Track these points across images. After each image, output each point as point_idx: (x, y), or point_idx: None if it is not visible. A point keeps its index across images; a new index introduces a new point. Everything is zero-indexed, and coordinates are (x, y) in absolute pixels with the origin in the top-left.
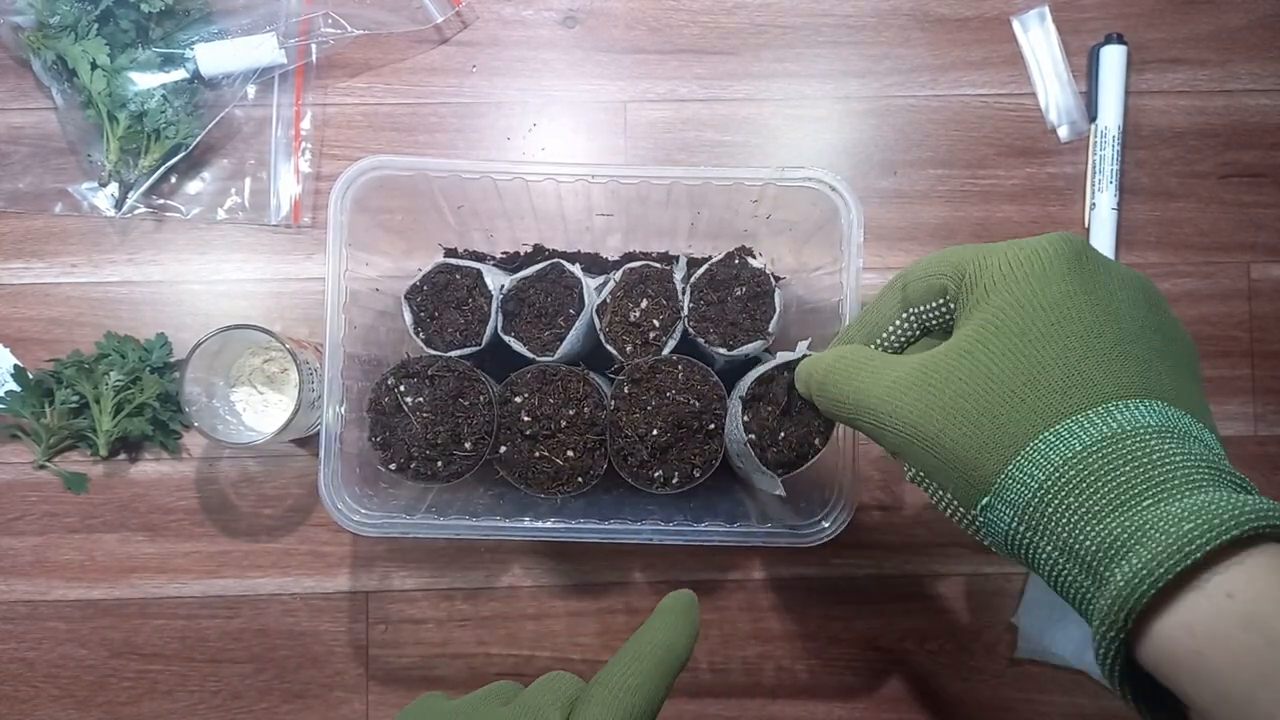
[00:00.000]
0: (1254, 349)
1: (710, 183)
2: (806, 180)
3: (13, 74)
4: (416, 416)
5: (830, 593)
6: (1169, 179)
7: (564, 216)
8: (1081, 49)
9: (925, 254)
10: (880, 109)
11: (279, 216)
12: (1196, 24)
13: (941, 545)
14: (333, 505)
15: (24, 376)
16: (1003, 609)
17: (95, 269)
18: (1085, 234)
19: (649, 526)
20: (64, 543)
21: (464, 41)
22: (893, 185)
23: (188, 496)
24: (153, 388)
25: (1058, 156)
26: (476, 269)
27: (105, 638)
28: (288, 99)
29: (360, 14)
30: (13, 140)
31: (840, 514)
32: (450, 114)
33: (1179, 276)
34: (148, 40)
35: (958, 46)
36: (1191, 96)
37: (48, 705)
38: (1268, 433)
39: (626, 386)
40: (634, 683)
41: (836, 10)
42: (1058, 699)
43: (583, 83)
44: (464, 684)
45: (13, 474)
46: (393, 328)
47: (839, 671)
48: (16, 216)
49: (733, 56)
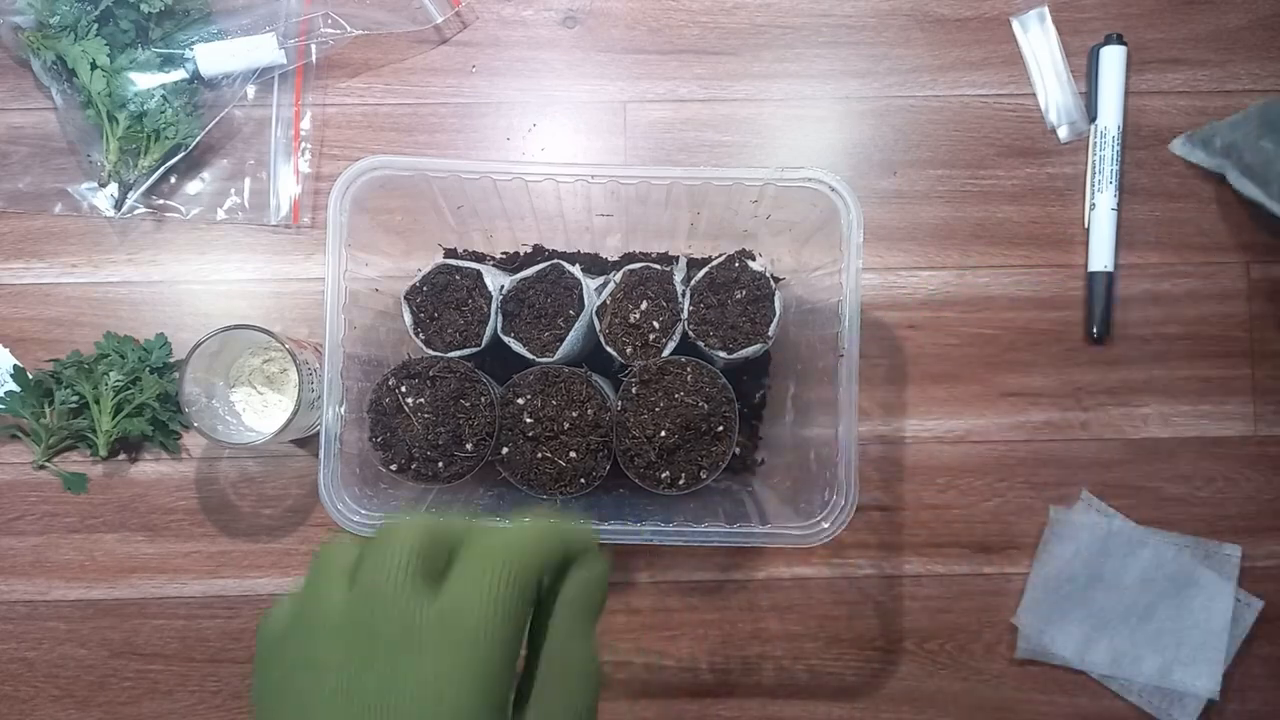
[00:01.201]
0: (1254, 349)
1: (710, 183)
2: (806, 180)
3: (13, 74)
4: (417, 417)
5: (830, 593)
6: (1169, 179)
7: (564, 217)
8: (1081, 49)
9: (924, 254)
10: (880, 109)
11: (279, 217)
12: (1196, 24)
13: (941, 545)
14: (333, 506)
15: (24, 376)
16: (1003, 609)
17: (95, 269)
18: (1085, 234)
19: (649, 527)
20: (64, 543)
21: (464, 41)
22: (892, 185)
23: (188, 496)
24: (152, 388)
25: (1057, 157)
26: (476, 269)
27: (105, 638)
28: (287, 99)
29: (360, 14)
30: (13, 140)
31: (840, 514)
32: (450, 114)
33: (1179, 276)
34: (147, 40)
35: (958, 47)
36: (1191, 96)
37: (48, 705)
38: (1268, 433)
39: (635, 387)
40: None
41: (836, 10)
42: (1058, 699)
43: (582, 83)
44: None
45: (13, 474)
46: (392, 328)
47: (839, 671)
48: (16, 216)
49: (733, 56)
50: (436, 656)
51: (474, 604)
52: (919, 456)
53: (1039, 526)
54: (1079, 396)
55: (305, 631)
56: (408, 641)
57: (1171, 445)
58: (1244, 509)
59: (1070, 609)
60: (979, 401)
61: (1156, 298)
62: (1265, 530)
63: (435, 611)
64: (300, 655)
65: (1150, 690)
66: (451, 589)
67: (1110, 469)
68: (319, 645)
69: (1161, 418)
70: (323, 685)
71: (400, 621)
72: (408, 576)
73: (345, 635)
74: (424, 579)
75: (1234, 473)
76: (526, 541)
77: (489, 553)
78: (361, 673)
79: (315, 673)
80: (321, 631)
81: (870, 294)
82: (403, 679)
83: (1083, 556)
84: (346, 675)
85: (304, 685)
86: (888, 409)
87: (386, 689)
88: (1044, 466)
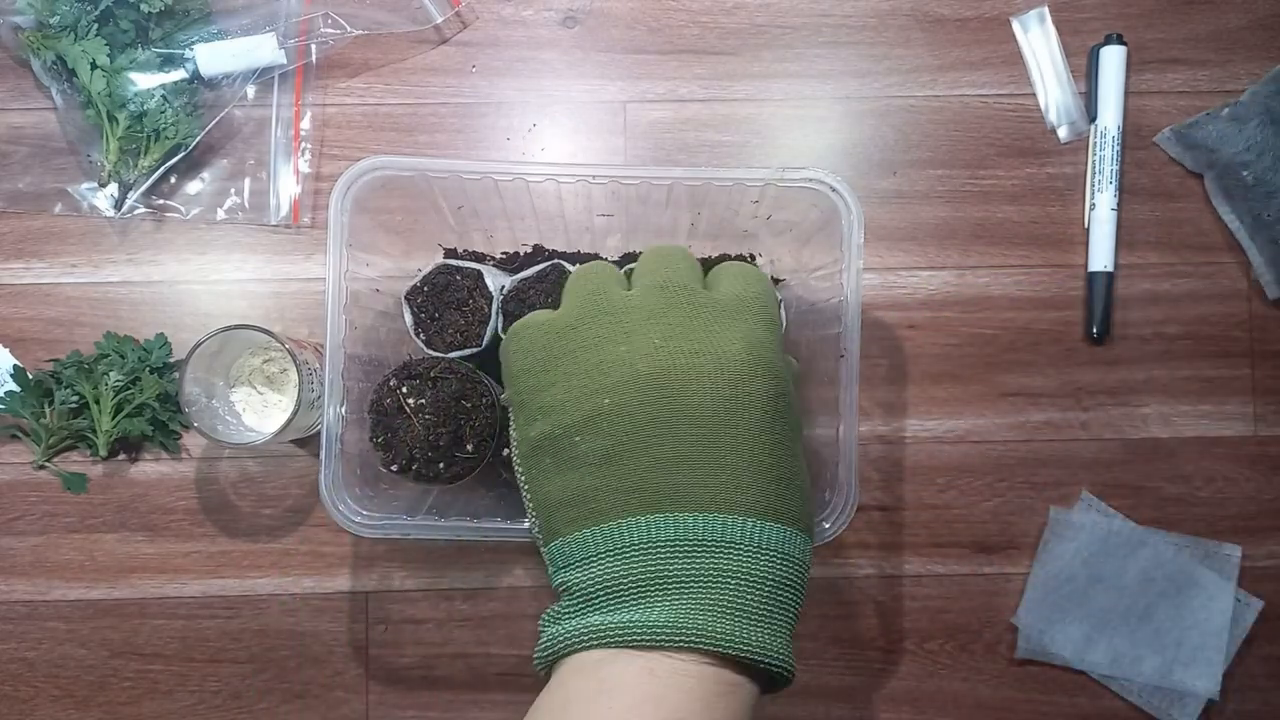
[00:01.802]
0: (1254, 349)
1: (710, 183)
2: (807, 181)
3: (13, 74)
4: (418, 418)
5: (830, 593)
6: (1169, 179)
7: (564, 217)
8: (1081, 49)
9: (924, 254)
10: (880, 109)
11: (279, 217)
12: (1196, 24)
13: (941, 545)
14: (333, 506)
15: (24, 376)
16: (1003, 609)
17: (95, 269)
18: (1085, 234)
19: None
20: (64, 543)
21: (464, 41)
22: (893, 185)
23: (187, 496)
24: (152, 388)
25: (1057, 157)
26: (477, 270)
27: (105, 638)
28: (287, 99)
29: (360, 14)
30: (13, 140)
31: (840, 514)
32: (450, 114)
33: (1179, 276)
34: (147, 40)
35: (958, 47)
36: (1191, 96)
37: (48, 705)
38: (1268, 433)
39: None
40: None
41: (836, 10)
42: (1058, 699)
43: (582, 83)
44: (464, 684)
45: (13, 474)
46: (393, 328)
47: (839, 671)
48: (16, 216)
49: (733, 56)
50: (747, 324)
51: (754, 293)
52: (919, 456)
53: (1039, 526)
54: (1079, 396)
55: (605, 314)
56: (714, 317)
57: (1171, 445)
58: (1244, 509)
59: (1070, 609)
60: (979, 401)
61: (1156, 298)
62: (1265, 530)
63: (724, 297)
64: (604, 331)
65: (1150, 690)
66: (725, 288)
67: (1110, 469)
68: (626, 320)
69: (1161, 418)
70: (643, 344)
71: (698, 305)
72: (692, 277)
73: (651, 313)
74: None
75: (1234, 473)
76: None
77: (743, 268)
78: (677, 337)
79: (628, 339)
80: (623, 312)
81: (870, 294)
82: (721, 338)
83: (1082, 556)
84: (662, 336)
85: (615, 351)
86: (888, 409)
87: (705, 342)
88: (1044, 466)
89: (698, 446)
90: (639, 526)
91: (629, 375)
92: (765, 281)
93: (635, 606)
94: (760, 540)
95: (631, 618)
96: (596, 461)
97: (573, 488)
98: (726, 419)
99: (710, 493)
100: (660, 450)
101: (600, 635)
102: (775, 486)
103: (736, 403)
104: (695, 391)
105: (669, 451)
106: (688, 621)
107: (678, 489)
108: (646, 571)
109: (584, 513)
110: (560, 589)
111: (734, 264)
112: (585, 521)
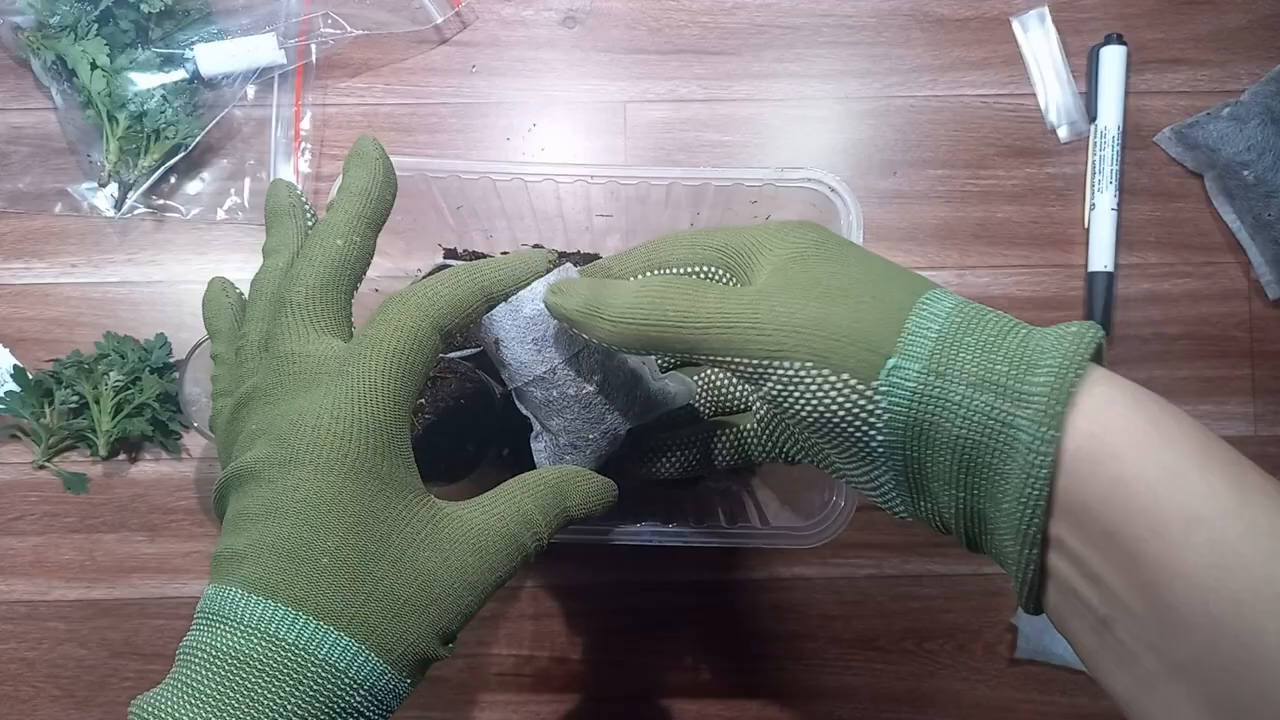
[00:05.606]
0: (1254, 349)
1: (710, 183)
2: (806, 181)
3: (13, 74)
4: (418, 418)
5: (830, 593)
6: (1169, 179)
7: (563, 217)
8: (1081, 49)
9: (924, 254)
10: (880, 109)
11: None
12: (1196, 24)
13: (941, 545)
14: None
15: (24, 376)
16: (1003, 609)
17: (95, 269)
18: (1085, 234)
19: (648, 528)
20: (64, 543)
21: (464, 41)
22: (892, 186)
23: (188, 496)
24: (152, 388)
25: (1057, 157)
26: None
27: (105, 638)
28: (287, 99)
29: (360, 14)
30: (13, 140)
31: (840, 514)
32: (450, 114)
33: (1179, 276)
34: (147, 40)
35: (958, 47)
36: (1191, 96)
37: (48, 705)
38: (1268, 433)
39: None
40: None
41: (836, 10)
42: (1058, 699)
43: (582, 83)
44: (464, 684)
45: (13, 474)
46: None
47: (839, 671)
48: (16, 216)
49: (733, 56)
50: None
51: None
52: None
53: None
54: None
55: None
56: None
57: None
58: None
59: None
60: None
61: (1156, 298)
62: None
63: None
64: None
65: None
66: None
67: None
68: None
69: None
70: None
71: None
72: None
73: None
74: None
75: None
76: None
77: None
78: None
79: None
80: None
81: None
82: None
83: None
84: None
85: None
86: None
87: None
88: None
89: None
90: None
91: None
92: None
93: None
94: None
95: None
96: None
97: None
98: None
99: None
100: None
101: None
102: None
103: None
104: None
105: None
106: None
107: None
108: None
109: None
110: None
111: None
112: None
